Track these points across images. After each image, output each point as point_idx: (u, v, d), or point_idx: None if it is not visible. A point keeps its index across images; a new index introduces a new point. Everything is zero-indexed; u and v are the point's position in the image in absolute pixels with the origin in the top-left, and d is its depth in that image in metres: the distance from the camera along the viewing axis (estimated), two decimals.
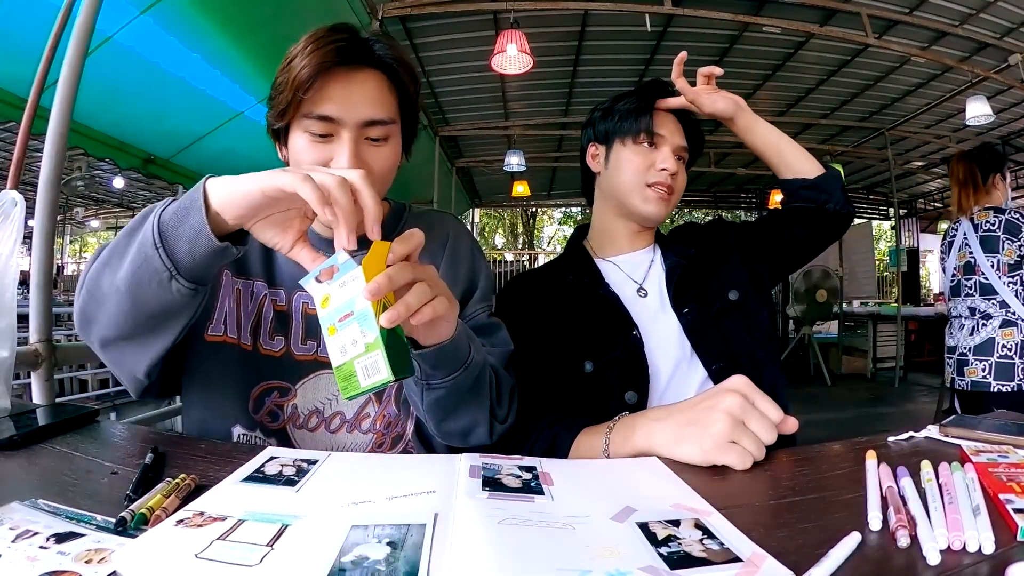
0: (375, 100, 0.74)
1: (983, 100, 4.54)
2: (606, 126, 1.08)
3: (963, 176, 2.32)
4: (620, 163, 1.05)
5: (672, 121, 1.07)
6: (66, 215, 11.28)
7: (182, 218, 0.58)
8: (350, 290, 0.54)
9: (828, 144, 6.98)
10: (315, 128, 0.72)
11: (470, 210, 9.51)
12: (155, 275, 0.59)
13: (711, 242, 1.12)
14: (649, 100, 1.06)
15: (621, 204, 1.06)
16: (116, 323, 0.64)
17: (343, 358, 0.55)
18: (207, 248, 0.57)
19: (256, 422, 0.78)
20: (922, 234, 10.77)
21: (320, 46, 0.70)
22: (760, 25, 3.94)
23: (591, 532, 0.41)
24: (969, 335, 2.24)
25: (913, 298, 8.37)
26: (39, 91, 1.30)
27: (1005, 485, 0.46)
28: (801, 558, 0.37)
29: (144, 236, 0.59)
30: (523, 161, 5.96)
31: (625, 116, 1.05)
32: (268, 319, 0.80)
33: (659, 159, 1.02)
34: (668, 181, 1.02)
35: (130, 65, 2.76)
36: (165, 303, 0.61)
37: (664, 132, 1.04)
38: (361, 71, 0.74)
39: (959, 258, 2.34)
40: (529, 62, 3.59)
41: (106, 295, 0.63)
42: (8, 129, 6.24)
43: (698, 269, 1.05)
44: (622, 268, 1.08)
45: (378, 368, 0.53)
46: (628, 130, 1.04)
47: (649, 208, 1.03)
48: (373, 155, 0.75)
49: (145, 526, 0.42)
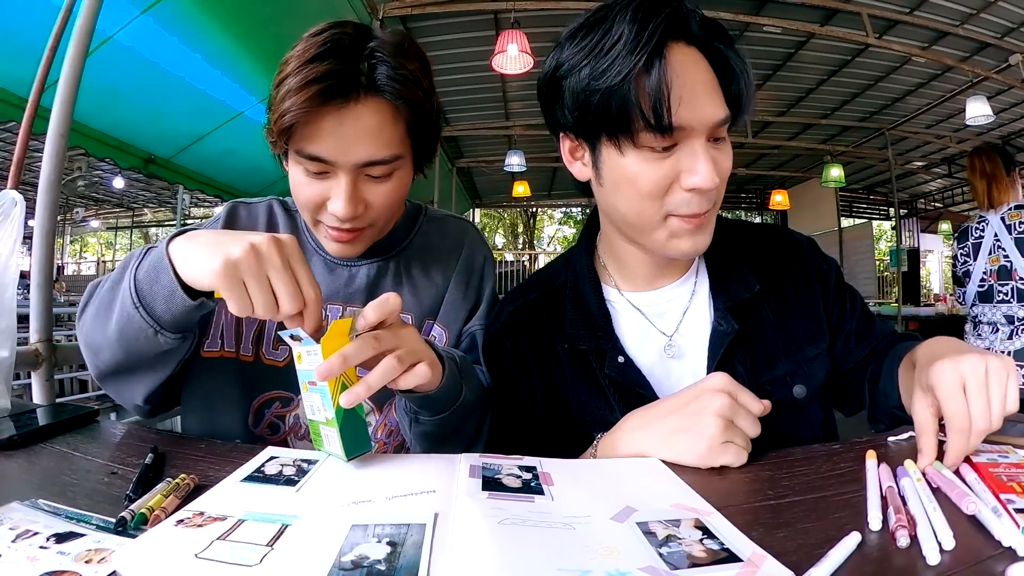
0: (374, 138, 0.65)
1: (983, 100, 4.54)
2: (580, 113, 0.64)
3: (989, 169, 2.18)
4: (618, 180, 0.65)
5: (700, 71, 0.62)
6: (66, 215, 11.29)
7: (154, 278, 0.58)
8: (313, 362, 0.54)
9: (828, 144, 6.98)
10: (308, 166, 0.66)
11: (470, 210, 9.52)
12: (141, 331, 0.60)
13: (783, 273, 0.78)
14: (655, 51, 0.58)
15: (631, 237, 0.72)
16: (113, 367, 0.66)
17: (312, 416, 0.57)
18: (182, 307, 0.58)
19: (256, 436, 0.77)
20: (922, 234, 10.78)
21: (305, 79, 0.61)
22: (760, 25, 3.95)
23: (591, 532, 0.41)
24: (1008, 339, 2.11)
25: (913, 298, 8.37)
26: (39, 91, 1.30)
27: (1006, 485, 0.46)
28: (801, 558, 0.37)
29: (124, 295, 0.60)
30: (523, 161, 5.96)
31: (610, 97, 0.60)
32: (272, 328, 0.78)
33: (684, 172, 0.62)
34: (702, 208, 0.64)
35: (130, 65, 2.76)
36: (158, 350, 0.63)
37: (691, 114, 0.60)
38: (357, 104, 0.63)
39: (991, 261, 2.19)
40: (530, 62, 3.59)
41: (100, 346, 0.65)
42: (8, 129, 6.24)
43: (759, 324, 0.74)
44: (644, 312, 0.76)
45: (335, 444, 0.54)
46: (622, 124, 0.60)
47: (679, 246, 0.67)
48: (374, 192, 0.69)
49: (145, 526, 0.42)
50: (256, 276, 0.52)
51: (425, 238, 0.85)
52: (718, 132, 0.64)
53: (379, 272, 0.81)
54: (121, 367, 0.66)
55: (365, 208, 0.69)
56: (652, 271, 0.76)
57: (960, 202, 9.32)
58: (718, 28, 0.65)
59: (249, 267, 0.52)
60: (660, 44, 0.59)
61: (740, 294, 0.74)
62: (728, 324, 0.72)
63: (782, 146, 6.93)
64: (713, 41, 0.63)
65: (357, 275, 0.80)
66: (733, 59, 0.64)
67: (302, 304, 0.54)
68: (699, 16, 0.64)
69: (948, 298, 7.51)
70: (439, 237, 0.86)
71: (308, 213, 0.72)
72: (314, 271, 0.79)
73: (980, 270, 2.24)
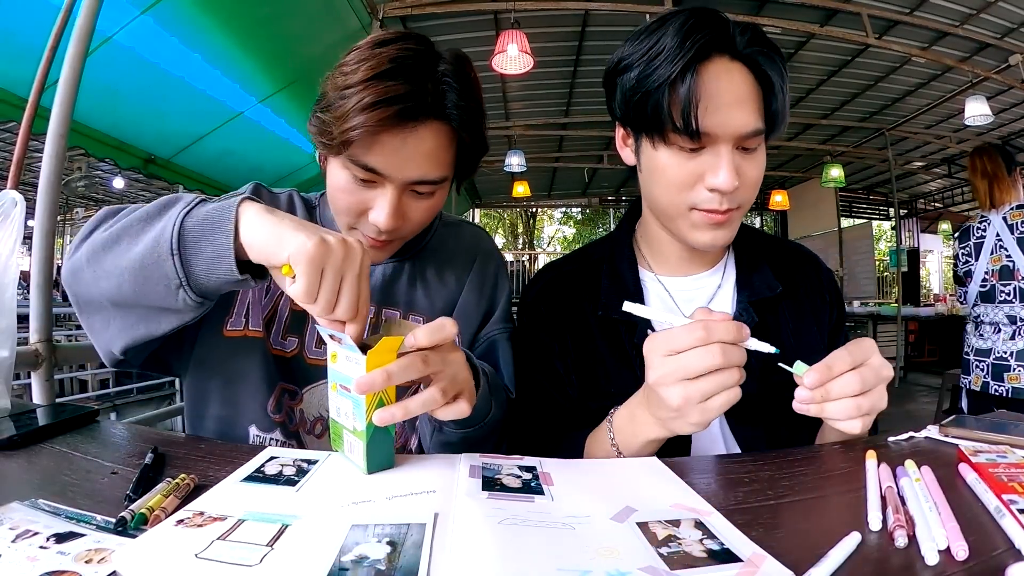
0: (430, 159, 0.66)
1: (983, 100, 4.54)
2: (626, 107, 0.72)
3: (991, 169, 2.18)
4: (652, 169, 0.72)
5: (735, 84, 0.67)
6: (66, 215, 11.27)
7: (207, 234, 0.54)
8: (351, 368, 0.52)
9: (828, 144, 6.99)
10: (359, 173, 0.66)
11: (470, 210, 9.52)
12: (163, 279, 0.56)
13: (802, 282, 0.84)
14: (690, 63, 0.65)
15: (663, 223, 0.78)
16: (108, 294, 0.60)
17: (337, 418, 0.55)
18: (225, 275, 0.54)
19: (275, 423, 0.75)
20: (922, 234, 10.78)
21: (378, 97, 0.61)
22: (761, 25, 3.94)
23: (591, 532, 0.41)
24: (1010, 339, 2.10)
25: (913, 298, 8.38)
26: (39, 91, 1.30)
27: (1007, 485, 0.46)
28: (801, 558, 0.37)
29: (161, 234, 0.55)
30: (523, 161, 5.96)
31: (648, 98, 0.67)
32: (283, 317, 0.76)
33: (708, 172, 0.68)
34: (723, 206, 0.69)
35: (130, 65, 2.76)
36: (166, 303, 0.58)
37: (717, 122, 0.65)
38: (421, 126, 0.64)
39: (993, 261, 2.19)
40: (530, 62, 3.60)
41: (107, 271, 0.59)
42: (8, 129, 6.24)
43: (776, 323, 0.79)
44: (673, 295, 0.82)
45: (358, 454, 0.53)
46: (656, 124, 0.68)
47: (699, 237, 0.73)
48: (415, 208, 0.70)
49: (145, 526, 0.41)
50: (336, 271, 0.51)
51: (440, 242, 0.86)
52: (747, 143, 0.69)
53: (394, 272, 0.81)
54: (115, 302, 0.61)
55: (403, 221, 0.69)
56: (683, 258, 0.82)
57: (960, 202, 9.32)
58: (767, 45, 0.69)
59: (336, 260, 0.51)
60: (699, 56, 0.65)
61: (763, 292, 0.79)
62: (749, 316, 0.77)
63: (782, 146, 6.94)
64: (758, 57, 0.68)
65: (372, 275, 0.79)
66: (774, 77, 0.68)
67: (355, 316, 0.53)
68: (751, 33, 0.68)
69: (948, 298, 7.50)
70: (454, 241, 0.87)
71: (346, 218, 0.70)
72: None
73: (982, 270, 2.23)
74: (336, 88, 0.64)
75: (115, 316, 0.63)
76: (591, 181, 8.34)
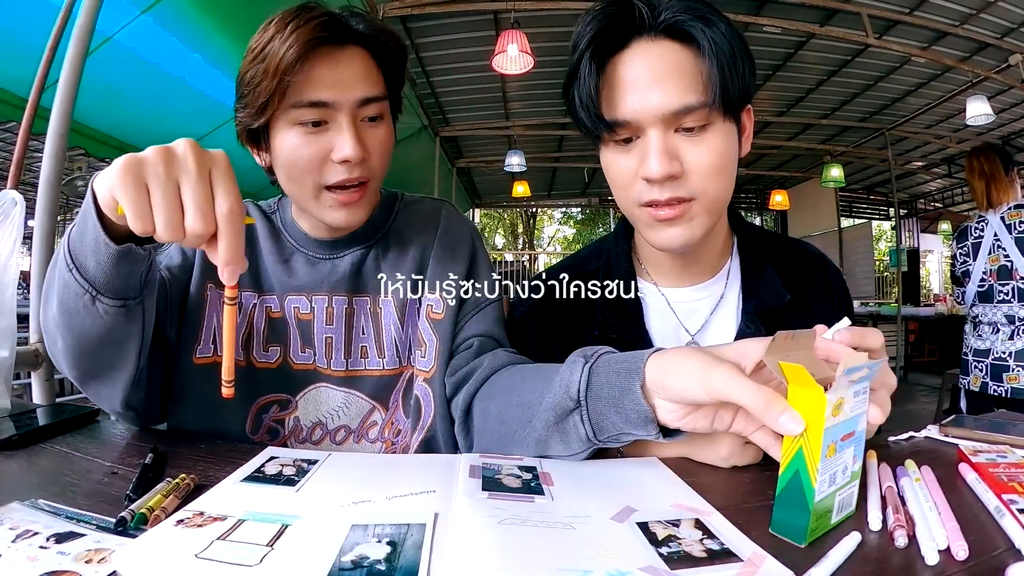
0: (366, 77, 0.69)
1: (983, 100, 4.54)
2: (572, 118, 0.70)
3: (988, 169, 2.18)
4: (605, 173, 0.71)
5: (653, 62, 0.62)
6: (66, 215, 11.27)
7: (82, 230, 0.52)
8: (860, 405, 0.44)
9: (828, 144, 6.98)
10: (307, 116, 0.66)
11: (470, 210, 9.52)
12: (78, 299, 0.55)
13: (812, 287, 0.79)
14: (595, 56, 0.63)
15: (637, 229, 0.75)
16: (72, 361, 0.62)
17: (829, 489, 0.41)
18: (108, 255, 0.51)
19: (255, 443, 0.73)
20: (922, 234, 10.77)
21: (300, 24, 0.64)
22: (760, 25, 3.95)
23: (591, 532, 0.41)
24: (1008, 339, 2.10)
25: (913, 298, 8.37)
26: (39, 91, 1.30)
27: (1007, 485, 0.46)
28: (801, 558, 0.37)
29: (60, 261, 0.56)
30: (523, 161, 5.96)
31: (573, 102, 0.66)
32: (261, 329, 0.76)
33: (639, 163, 0.64)
34: (663, 196, 0.63)
35: (130, 65, 2.76)
36: (101, 328, 0.57)
37: (632, 107, 0.62)
38: (347, 48, 0.68)
39: (991, 261, 2.18)
40: (530, 62, 3.60)
41: (52, 334, 0.61)
42: (8, 129, 6.24)
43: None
44: (674, 308, 0.77)
45: (850, 502, 0.44)
46: (584, 126, 0.67)
47: (654, 237, 0.68)
48: (372, 137, 0.71)
49: (145, 526, 0.42)
50: (162, 182, 0.44)
51: (404, 221, 0.84)
52: (683, 121, 0.62)
53: (360, 259, 0.80)
54: (81, 366, 0.62)
55: (367, 152, 0.69)
56: (677, 266, 0.77)
57: (960, 202, 9.31)
58: (692, 11, 0.62)
59: (155, 169, 0.44)
60: (611, 47, 0.63)
61: (770, 302, 0.74)
62: (755, 328, 0.72)
63: (782, 146, 6.93)
64: (684, 26, 0.62)
65: (340, 264, 0.79)
66: (702, 40, 0.62)
67: (213, 224, 0.45)
68: (678, 4, 0.62)
69: (948, 298, 7.51)
70: (416, 217, 0.85)
71: (310, 177, 0.69)
72: (296, 267, 0.78)
73: (980, 270, 2.23)
74: (255, 55, 0.66)
75: (93, 380, 0.65)
76: (591, 181, 8.33)
